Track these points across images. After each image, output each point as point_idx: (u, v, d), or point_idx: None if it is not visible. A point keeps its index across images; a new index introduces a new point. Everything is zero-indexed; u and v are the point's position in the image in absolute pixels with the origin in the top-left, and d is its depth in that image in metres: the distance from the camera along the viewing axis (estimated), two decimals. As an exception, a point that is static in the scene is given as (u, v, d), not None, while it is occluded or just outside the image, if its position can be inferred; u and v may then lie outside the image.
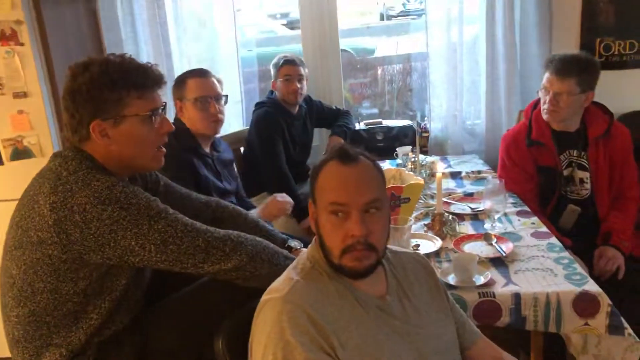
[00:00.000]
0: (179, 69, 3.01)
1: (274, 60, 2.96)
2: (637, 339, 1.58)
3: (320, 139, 3.38)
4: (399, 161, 2.84)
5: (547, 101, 2.24)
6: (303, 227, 2.74)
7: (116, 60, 1.44)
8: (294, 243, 1.78)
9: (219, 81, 2.32)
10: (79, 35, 2.96)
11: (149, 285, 1.63)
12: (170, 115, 2.50)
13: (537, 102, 2.37)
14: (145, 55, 3.03)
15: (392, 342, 1.21)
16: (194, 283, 1.60)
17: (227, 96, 2.32)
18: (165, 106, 1.54)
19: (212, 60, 3.12)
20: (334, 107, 3.23)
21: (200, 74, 2.28)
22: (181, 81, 2.27)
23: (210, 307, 1.49)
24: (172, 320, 1.53)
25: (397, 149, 2.89)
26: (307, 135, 3.08)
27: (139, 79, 1.44)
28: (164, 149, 1.54)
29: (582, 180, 2.31)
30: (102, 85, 1.39)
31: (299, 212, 2.62)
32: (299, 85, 2.90)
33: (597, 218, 2.31)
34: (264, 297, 1.20)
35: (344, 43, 4.42)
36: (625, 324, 1.58)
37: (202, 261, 1.40)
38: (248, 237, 1.50)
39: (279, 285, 1.21)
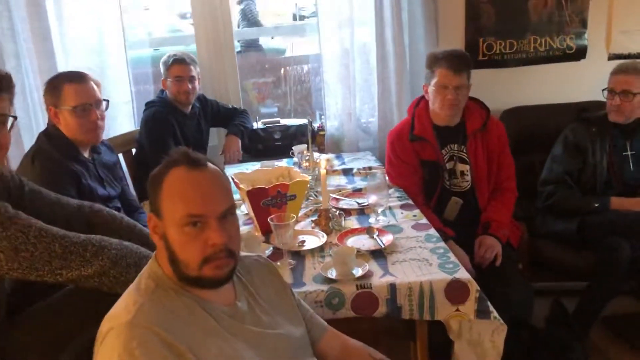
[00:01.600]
0: (63, 68, 2.87)
1: (164, 59, 2.88)
2: (502, 322, 1.66)
3: (219, 138, 3.34)
4: (295, 159, 2.86)
5: (447, 96, 2.31)
6: None
7: None
8: None
9: (97, 84, 2.16)
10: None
11: (11, 294, 1.54)
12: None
13: (419, 100, 2.46)
14: (25, 53, 2.86)
15: (249, 348, 1.20)
16: (60, 290, 1.52)
17: (107, 101, 2.19)
18: (7, 117, 1.40)
19: (98, 60, 2.99)
20: (230, 107, 3.20)
21: (78, 79, 2.09)
22: (55, 87, 2.07)
23: (74, 318, 1.41)
24: (33, 334, 1.43)
25: (292, 148, 2.90)
26: (202, 135, 3.03)
27: None
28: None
29: (462, 173, 2.42)
30: None
31: None
32: (190, 86, 2.84)
33: (478, 208, 2.43)
34: (105, 325, 1.11)
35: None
36: (491, 308, 1.66)
37: (60, 267, 1.33)
38: (112, 242, 1.43)
39: (120, 311, 1.11)
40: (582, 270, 2.46)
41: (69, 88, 2.05)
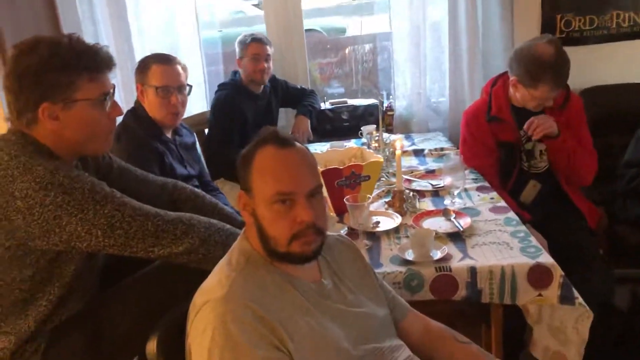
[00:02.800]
0: (139, 49, 2.96)
1: (240, 38, 2.91)
2: (588, 309, 1.61)
3: (287, 119, 3.36)
4: (363, 140, 2.85)
5: (545, 104, 2.22)
6: None
7: (65, 40, 1.39)
8: None
9: (184, 68, 2.23)
10: (33, 15, 2.87)
11: (104, 267, 1.61)
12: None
13: (496, 79, 2.39)
14: (103, 35, 2.97)
15: (335, 326, 1.21)
16: (150, 264, 1.58)
17: (191, 86, 2.26)
18: (114, 89, 1.50)
19: (172, 41, 3.07)
20: (299, 87, 3.21)
21: (165, 61, 2.18)
22: (144, 65, 2.18)
23: (165, 291, 1.47)
24: (126, 305, 1.50)
25: (361, 128, 2.89)
26: (272, 115, 3.06)
27: (90, 61, 1.40)
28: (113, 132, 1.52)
29: (541, 152, 2.34)
30: (52, 67, 1.34)
31: None
32: (266, 65, 2.88)
33: (555, 191, 2.35)
34: (199, 298, 1.14)
35: (315, 23, 4.39)
36: (576, 294, 1.61)
37: (152, 245, 1.38)
38: (201, 219, 1.47)
39: (214, 285, 1.15)
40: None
41: (156, 68, 2.14)
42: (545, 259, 1.64)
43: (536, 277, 1.62)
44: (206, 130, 3.02)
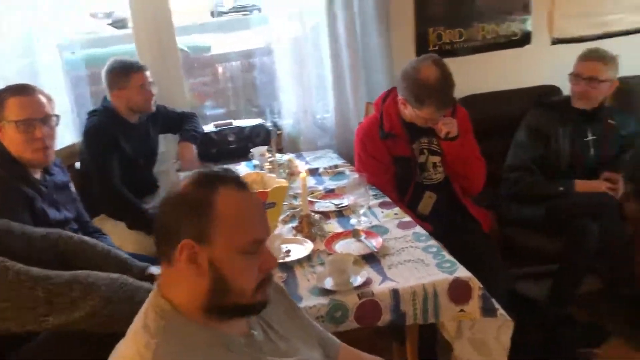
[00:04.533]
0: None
1: (114, 67, 2.58)
2: (508, 318, 1.63)
3: (166, 144, 3.13)
4: (255, 162, 2.72)
5: (431, 124, 2.26)
6: None
7: None
8: (155, 269, 1.57)
9: (49, 99, 1.95)
10: None
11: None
12: None
13: (386, 95, 2.40)
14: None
15: None
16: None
17: (58, 116, 1.98)
18: None
19: (30, 67, 2.72)
20: (179, 111, 3.00)
21: (23, 91, 1.90)
22: (0, 100, 1.88)
23: None
24: None
25: (252, 150, 2.76)
26: (151, 143, 2.82)
27: None
28: None
29: (435, 165, 2.39)
30: None
31: (147, 225, 2.36)
32: (154, 92, 2.64)
33: (452, 201, 2.41)
34: None
35: (179, 42, 4.19)
36: (497, 305, 1.63)
37: (45, 314, 1.16)
38: (100, 276, 1.27)
39: (133, 356, 0.98)
40: (552, 253, 2.49)
41: (14, 101, 1.85)
42: (462, 272, 1.64)
43: (456, 293, 1.61)
44: (77, 164, 2.71)
